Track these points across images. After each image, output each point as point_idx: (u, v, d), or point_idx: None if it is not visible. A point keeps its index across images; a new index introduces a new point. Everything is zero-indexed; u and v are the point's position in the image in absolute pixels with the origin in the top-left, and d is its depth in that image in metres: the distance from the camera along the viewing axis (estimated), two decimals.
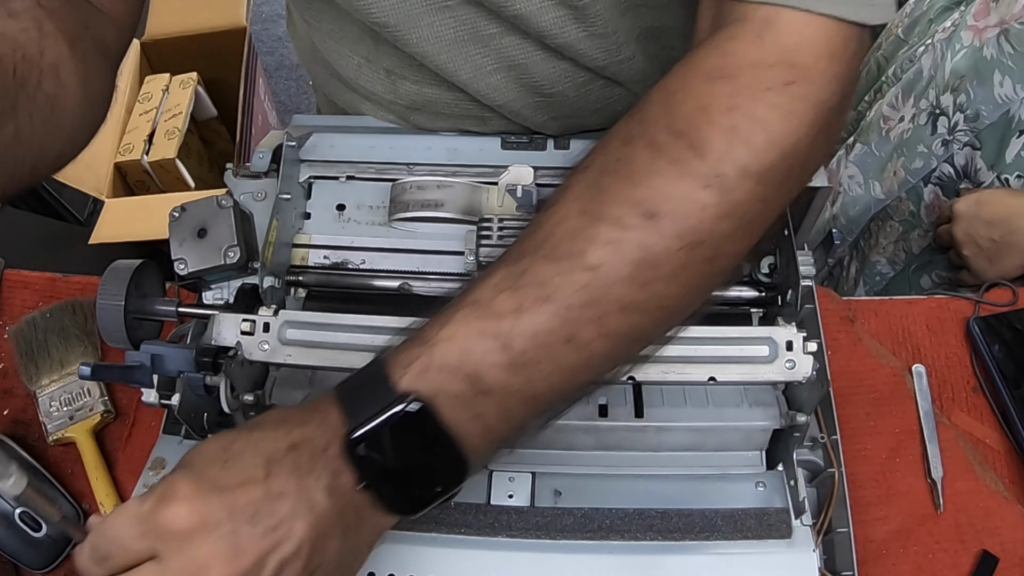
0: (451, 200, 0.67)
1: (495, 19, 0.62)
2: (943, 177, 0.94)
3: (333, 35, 0.71)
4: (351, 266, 0.67)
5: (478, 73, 0.66)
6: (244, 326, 0.57)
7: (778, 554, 0.55)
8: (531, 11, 0.59)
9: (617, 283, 0.42)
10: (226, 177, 0.68)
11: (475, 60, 0.65)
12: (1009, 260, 0.85)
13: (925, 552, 0.67)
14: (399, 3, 0.61)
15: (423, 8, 0.61)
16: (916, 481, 0.70)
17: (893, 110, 1.01)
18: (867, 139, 1.04)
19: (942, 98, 0.92)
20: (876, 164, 1.02)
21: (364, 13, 0.62)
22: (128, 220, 1.26)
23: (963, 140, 0.90)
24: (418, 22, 0.62)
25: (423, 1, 0.61)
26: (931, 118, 0.93)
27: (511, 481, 0.58)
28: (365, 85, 0.73)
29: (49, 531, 0.67)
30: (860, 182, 1.04)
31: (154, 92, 1.51)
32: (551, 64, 0.66)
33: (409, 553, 0.55)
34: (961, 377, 0.77)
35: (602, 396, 0.59)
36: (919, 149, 0.95)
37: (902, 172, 0.97)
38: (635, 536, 0.56)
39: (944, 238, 0.92)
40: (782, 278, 0.63)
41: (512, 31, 0.63)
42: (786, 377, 0.56)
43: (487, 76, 0.67)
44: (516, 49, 0.65)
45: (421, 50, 0.64)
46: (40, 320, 0.76)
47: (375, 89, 0.72)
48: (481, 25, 0.63)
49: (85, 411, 0.73)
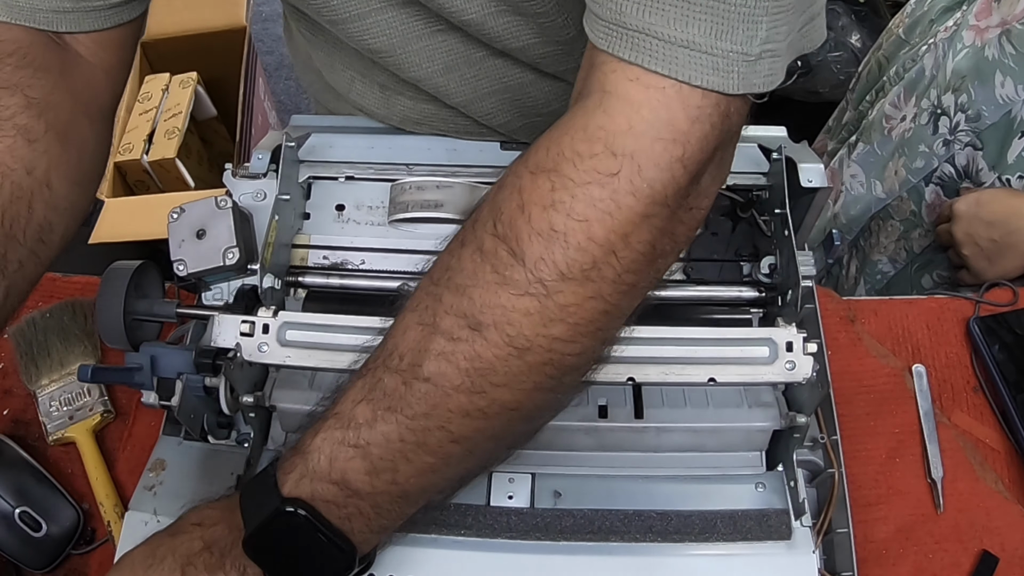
0: (450, 200, 0.67)
1: (483, 45, 0.62)
2: (944, 177, 0.94)
3: (326, 49, 0.71)
4: (350, 266, 0.67)
5: (473, 96, 0.66)
6: (243, 327, 0.57)
7: (778, 556, 0.55)
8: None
9: (453, 392, 0.43)
10: (225, 178, 0.68)
11: (469, 84, 0.66)
12: (1009, 260, 0.85)
13: (925, 552, 0.67)
14: (391, 30, 0.61)
15: (414, 34, 0.62)
16: (916, 481, 0.70)
17: (895, 109, 1.01)
18: (869, 138, 1.04)
19: (943, 98, 0.92)
20: (878, 163, 1.02)
21: (357, 39, 0.62)
22: (128, 220, 1.26)
23: (964, 140, 0.90)
24: (410, 47, 0.63)
25: (414, 27, 0.61)
26: (932, 118, 0.93)
27: (511, 482, 0.58)
28: (357, 99, 0.73)
29: (49, 531, 0.67)
30: (862, 181, 1.04)
31: (154, 92, 1.51)
32: (545, 85, 0.66)
33: (409, 554, 0.54)
34: (961, 377, 0.77)
35: (602, 397, 0.59)
36: (920, 149, 0.95)
37: (903, 172, 0.97)
38: (635, 537, 0.55)
39: (944, 237, 0.92)
40: (782, 278, 0.63)
41: (501, 56, 0.63)
42: (786, 378, 0.56)
43: (482, 99, 0.67)
44: (508, 72, 0.65)
45: (414, 74, 0.65)
46: (40, 320, 0.76)
47: (368, 103, 0.72)
48: (471, 50, 0.63)
49: (85, 411, 0.73)
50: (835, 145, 1.17)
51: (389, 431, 0.43)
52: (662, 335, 0.56)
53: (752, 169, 0.67)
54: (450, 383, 0.43)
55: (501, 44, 0.60)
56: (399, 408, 0.43)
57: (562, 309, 0.42)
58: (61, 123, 0.54)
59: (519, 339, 0.42)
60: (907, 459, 0.71)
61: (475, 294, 0.43)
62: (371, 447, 0.44)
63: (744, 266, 0.67)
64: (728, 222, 0.68)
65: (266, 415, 0.61)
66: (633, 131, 0.41)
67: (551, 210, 0.42)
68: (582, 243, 0.41)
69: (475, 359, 0.42)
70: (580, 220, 0.41)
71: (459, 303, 0.43)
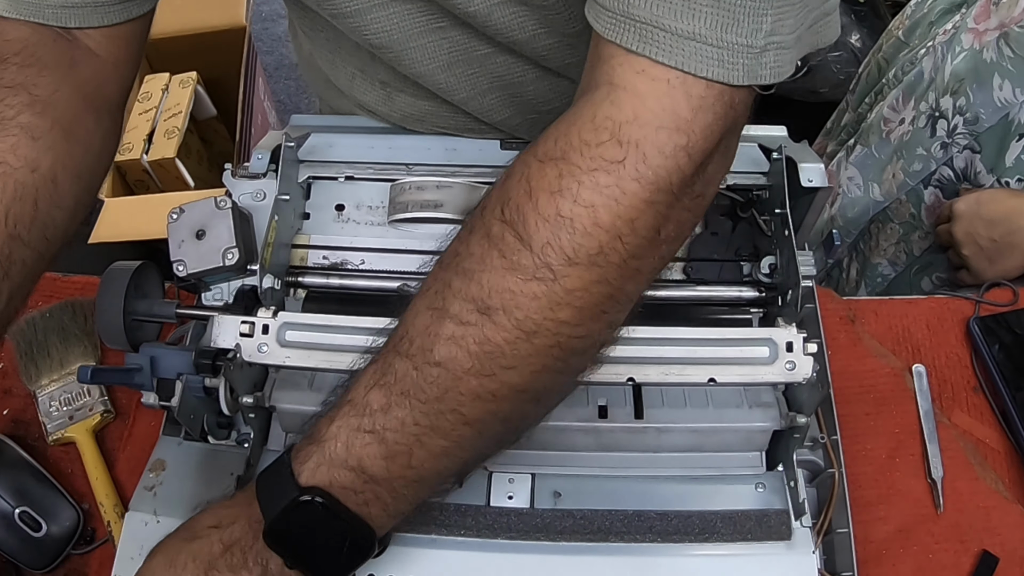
0: (450, 200, 0.67)
1: (486, 40, 0.62)
2: (943, 180, 0.94)
3: (328, 45, 0.71)
4: (350, 267, 0.67)
5: (473, 92, 0.67)
6: (243, 328, 0.57)
7: (778, 556, 0.55)
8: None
9: (464, 376, 0.43)
10: (225, 178, 0.68)
11: (470, 80, 0.66)
12: (1009, 260, 0.85)
13: (925, 552, 0.67)
14: (393, 25, 0.61)
15: (417, 30, 0.62)
16: (916, 481, 0.70)
17: (894, 112, 1.01)
18: (867, 141, 1.04)
19: (941, 101, 0.91)
20: (875, 166, 1.02)
21: (359, 34, 0.62)
22: (127, 220, 1.26)
23: (962, 143, 0.90)
24: (412, 43, 0.63)
25: (416, 22, 0.61)
26: (930, 120, 0.93)
27: (511, 482, 0.58)
28: (358, 95, 0.72)
29: (49, 531, 0.67)
30: (859, 184, 1.04)
31: (153, 91, 1.51)
32: (545, 82, 0.66)
33: (409, 554, 0.54)
34: (961, 377, 0.77)
35: (602, 397, 0.59)
36: (918, 152, 0.95)
37: (901, 175, 0.97)
38: (635, 538, 0.56)
39: (944, 237, 0.92)
40: (782, 278, 0.63)
41: (503, 51, 0.63)
42: (786, 378, 0.56)
43: (483, 96, 0.67)
44: (509, 68, 0.65)
45: (416, 70, 0.65)
46: (40, 320, 0.76)
47: (369, 100, 0.72)
48: (473, 45, 0.63)
49: (85, 411, 0.73)
50: (834, 147, 1.17)
51: (404, 416, 0.44)
52: (662, 335, 0.56)
53: (752, 169, 0.67)
54: (461, 367, 0.43)
55: (505, 37, 0.60)
56: (412, 393, 0.44)
57: (568, 293, 0.43)
58: (67, 119, 0.54)
59: (527, 322, 0.43)
60: (907, 459, 0.71)
61: (483, 279, 0.43)
62: (387, 432, 0.44)
63: (744, 266, 0.67)
64: (728, 222, 0.68)
65: (266, 416, 0.61)
66: (638, 120, 0.42)
67: (558, 196, 0.42)
68: (588, 228, 0.42)
69: (485, 343, 0.43)
70: (586, 207, 0.42)
71: (468, 288, 0.43)
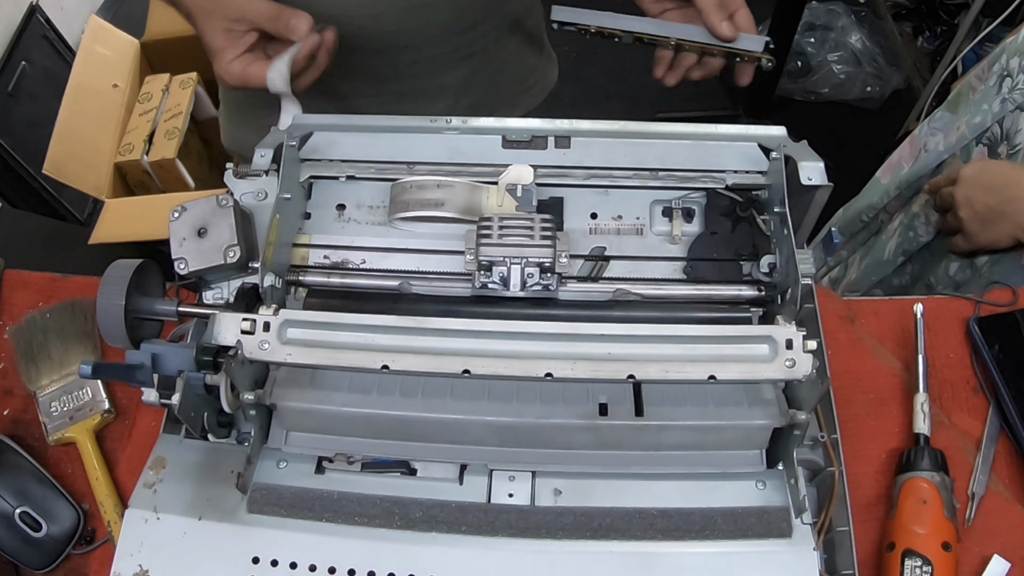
0: (451, 199, 0.67)
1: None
2: (991, 138, 0.96)
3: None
4: (351, 265, 0.67)
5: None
6: (244, 325, 0.57)
7: (779, 553, 0.55)
8: None
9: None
10: (226, 177, 0.68)
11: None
12: (1001, 227, 0.87)
13: None
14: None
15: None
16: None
17: (979, 81, 1.02)
18: (954, 108, 1.05)
19: (1011, 61, 0.94)
20: (951, 123, 1.03)
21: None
22: (128, 220, 1.27)
23: (1017, 101, 0.92)
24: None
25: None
26: (1000, 80, 0.96)
27: (511, 480, 0.58)
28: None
29: (49, 531, 0.67)
30: (939, 142, 1.04)
31: (154, 92, 1.51)
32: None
33: (409, 552, 0.55)
34: (961, 377, 0.77)
35: (602, 395, 0.59)
36: (983, 107, 0.97)
37: (963, 127, 0.98)
38: (635, 535, 0.56)
39: (946, 199, 0.94)
40: (781, 277, 0.63)
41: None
42: (786, 375, 0.56)
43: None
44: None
45: (339, 10, 0.70)
46: (40, 320, 0.76)
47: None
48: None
49: (85, 411, 0.73)
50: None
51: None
52: (662, 333, 0.56)
53: (752, 168, 0.68)
54: None
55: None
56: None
57: None
58: None
59: None
60: None
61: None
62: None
63: (744, 265, 0.67)
64: (728, 221, 0.68)
65: (267, 413, 0.61)
66: None
67: None
68: None
69: None
70: None
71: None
